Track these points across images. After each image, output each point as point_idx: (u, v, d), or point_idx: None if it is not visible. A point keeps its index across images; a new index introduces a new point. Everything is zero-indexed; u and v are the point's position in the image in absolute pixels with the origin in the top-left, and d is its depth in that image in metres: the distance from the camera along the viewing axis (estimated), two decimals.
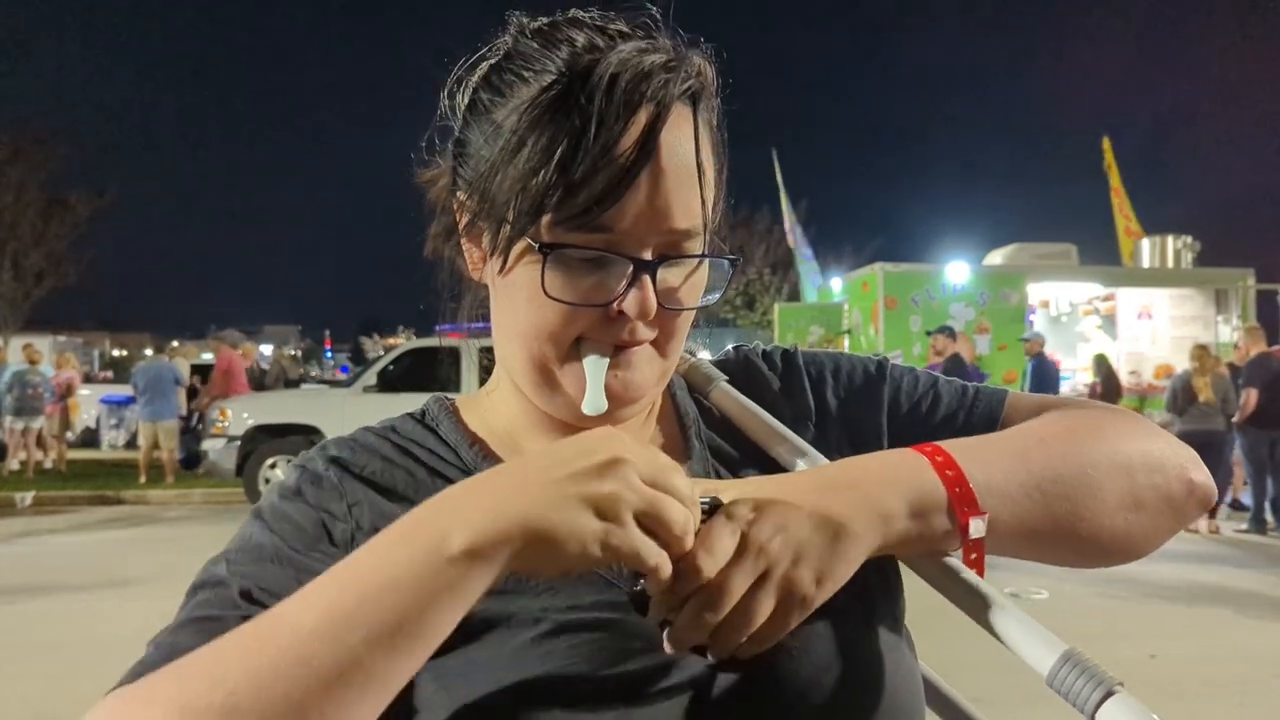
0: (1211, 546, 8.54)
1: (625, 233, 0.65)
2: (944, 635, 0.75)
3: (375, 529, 0.64)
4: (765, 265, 26.90)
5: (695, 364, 0.85)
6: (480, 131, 0.69)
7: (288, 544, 0.66)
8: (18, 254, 21.81)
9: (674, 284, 0.69)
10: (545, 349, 0.69)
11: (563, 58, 0.65)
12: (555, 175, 0.63)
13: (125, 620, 5.93)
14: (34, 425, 13.05)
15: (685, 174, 0.66)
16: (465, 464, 0.74)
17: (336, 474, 0.71)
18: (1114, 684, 0.58)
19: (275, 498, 0.71)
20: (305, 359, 60.15)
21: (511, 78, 0.68)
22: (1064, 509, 0.69)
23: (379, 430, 0.78)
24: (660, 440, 0.80)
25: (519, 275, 0.68)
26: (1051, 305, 13.17)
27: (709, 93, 0.69)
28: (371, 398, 10.03)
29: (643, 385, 0.71)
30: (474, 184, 0.69)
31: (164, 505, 11.27)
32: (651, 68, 0.64)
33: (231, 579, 0.64)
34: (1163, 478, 0.72)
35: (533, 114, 0.64)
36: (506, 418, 0.78)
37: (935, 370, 6.27)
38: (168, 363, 13.06)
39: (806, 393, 0.83)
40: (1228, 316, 11.97)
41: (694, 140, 0.67)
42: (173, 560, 7.79)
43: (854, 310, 12.39)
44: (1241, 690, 4.61)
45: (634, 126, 0.63)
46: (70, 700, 4.45)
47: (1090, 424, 0.73)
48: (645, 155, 0.63)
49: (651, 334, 0.70)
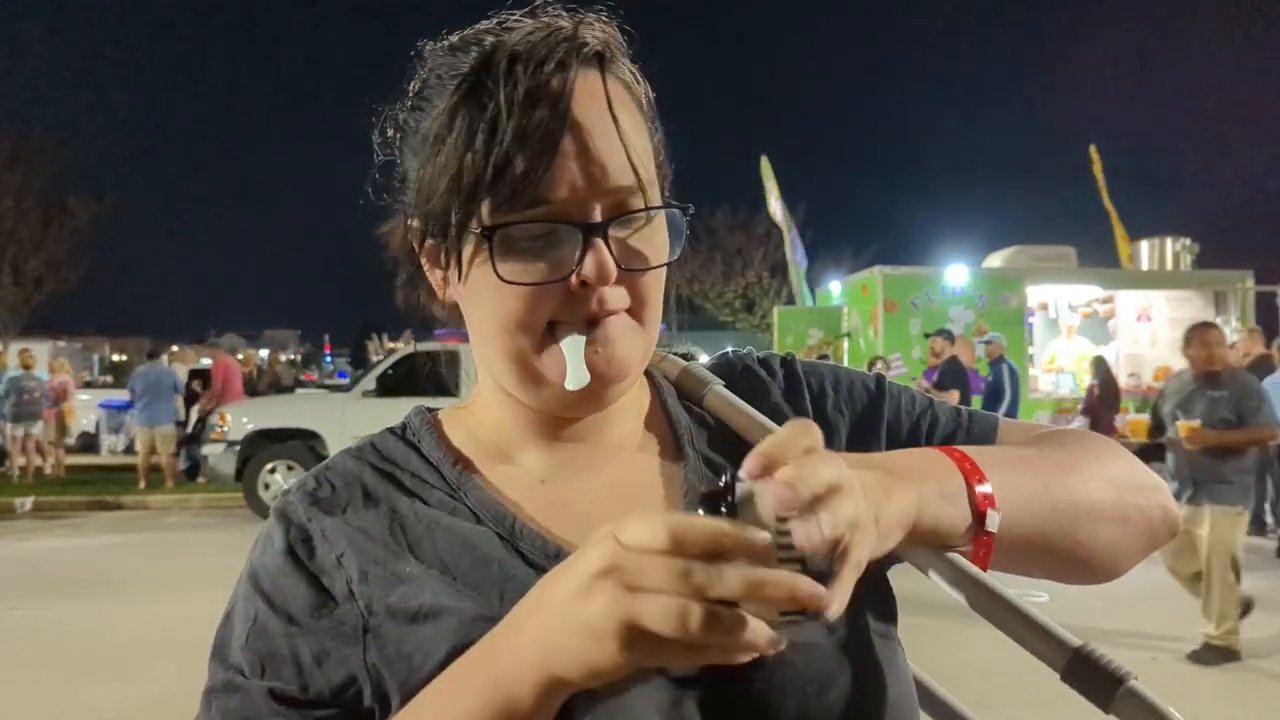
0: None
1: (565, 201, 0.65)
2: (945, 641, 0.75)
3: (364, 573, 0.67)
4: (764, 269, 26.93)
5: (688, 369, 0.83)
6: (411, 155, 0.71)
7: (294, 618, 0.66)
8: (17, 259, 21.85)
9: (630, 244, 0.68)
10: (519, 340, 0.68)
11: (470, 59, 0.66)
12: (481, 161, 0.63)
13: (125, 625, 5.93)
14: (33, 430, 13.05)
15: (606, 132, 0.66)
16: (449, 484, 0.73)
17: (319, 524, 0.70)
18: (1128, 677, 0.59)
19: (268, 561, 0.69)
20: (305, 363, 60.13)
21: (429, 92, 0.69)
22: (1067, 518, 0.71)
23: (357, 453, 0.76)
24: (655, 452, 0.79)
25: (477, 277, 0.68)
26: (1050, 307, 13.18)
27: (614, 52, 0.69)
28: (371, 402, 10.02)
29: (626, 359, 0.69)
30: (416, 202, 0.70)
31: (164, 510, 11.27)
32: (549, 40, 0.65)
33: (252, 678, 0.65)
34: (1145, 500, 0.76)
35: (448, 113, 0.65)
36: (493, 427, 0.77)
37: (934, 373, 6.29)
38: (166, 368, 13.06)
39: (806, 403, 0.82)
40: (1227, 318, 11.95)
41: (605, 98, 0.66)
42: (172, 565, 7.78)
43: (853, 313, 12.39)
44: (1243, 691, 4.61)
45: (544, 97, 0.63)
46: (70, 705, 4.44)
47: (1080, 445, 0.78)
48: (560, 120, 0.63)
49: (624, 302, 0.68)
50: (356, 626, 0.65)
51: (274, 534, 0.70)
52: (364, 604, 0.66)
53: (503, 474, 0.75)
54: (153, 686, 4.53)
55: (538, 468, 0.75)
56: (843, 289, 13.24)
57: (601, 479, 0.75)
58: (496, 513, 0.71)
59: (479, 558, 0.68)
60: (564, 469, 0.75)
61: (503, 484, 0.74)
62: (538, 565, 0.67)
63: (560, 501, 0.73)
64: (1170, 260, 13.15)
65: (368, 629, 0.65)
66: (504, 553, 0.68)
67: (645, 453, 0.78)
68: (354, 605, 0.66)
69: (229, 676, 0.66)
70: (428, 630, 0.64)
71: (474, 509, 0.71)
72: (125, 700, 4.47)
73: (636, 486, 0.75)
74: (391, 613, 0.65)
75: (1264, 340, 9.97)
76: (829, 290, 13.96)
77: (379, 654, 0.64)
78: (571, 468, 0.75)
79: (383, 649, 0.64)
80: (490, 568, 0.67)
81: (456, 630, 0.62)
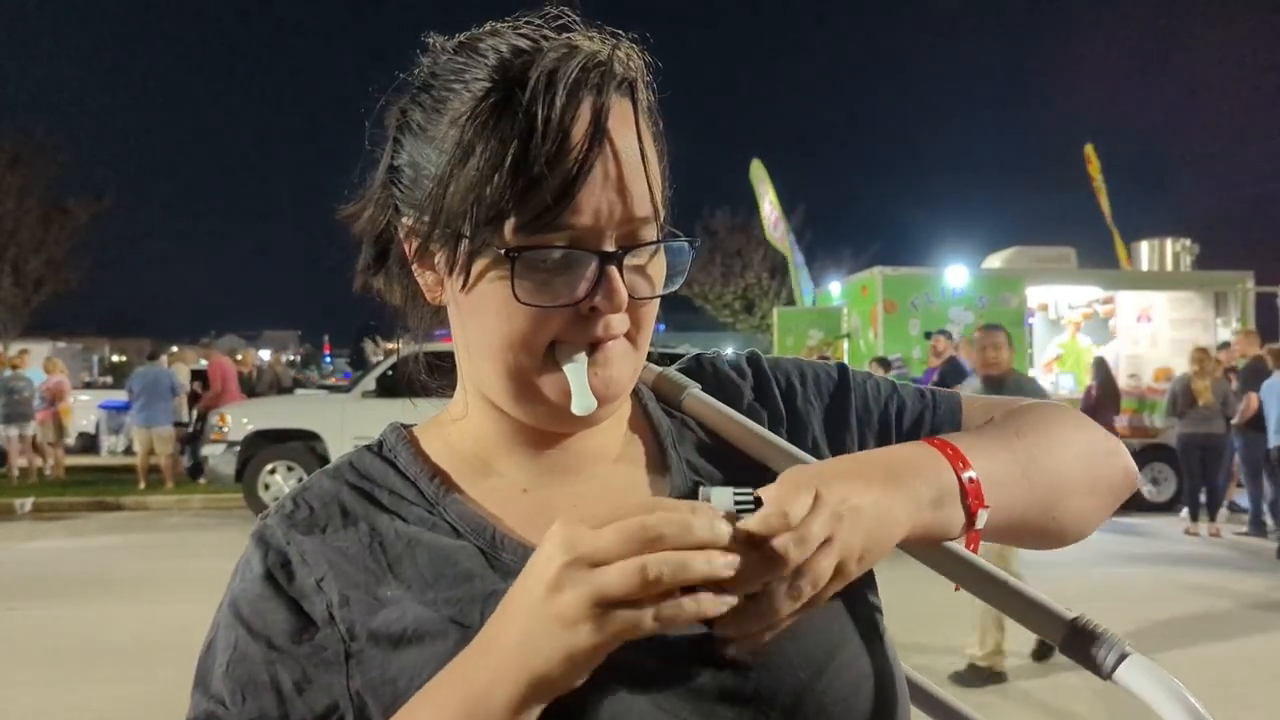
0: (1212, 549, 8.54)
1: (587, 228, 0.65)
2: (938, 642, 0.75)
3: (345, 598, 0.67)
4: (764, 270, 26.93)
5: (664, 374, 0.84)
6: (419, 152, 0.69)
7: (274, 644, 0.66)
8: (18, 260, 21.82)
9: (638, 273, 0.69)
10: (521, 359, 0.68)
11: (491, 65, 0.65)
12: (509, 179, 0.62)
13: (125, 626, 5.93)
14: (26, 431, 13.02)
15: (633, 163, 0.66)
16: (427, 498, 0.73)
17: (298, 547, 0.69)
18: (1126, 646, 0.62)
19: (248, 587, 0.69)
20: (304, 364, 60.08)
21: (443, 93, 0.67)
22: (1044, 493, 0.74)
23: (335, 472, 0.75)
24: (640, 455, 0.79)
25: (484, 289, 0.67)
26: (1050, 308, 13.16)
27: (642, 81, 0.69)
28: (370, 403, 10.01)
29: (621, 381, 0.71)
30: (421, 205, 0.68)
31: (164, 511, 11.27)
32: (586, 62, 0.64)
33: (234, 707, 0.65)
34: (1110, 467, 0.80)
35: (475, 122, 0.64)
36: (474, 438, 0.76)
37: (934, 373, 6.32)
38: (165, 368, 13.05)
39: (778, 400, 0.83)
40: (1227, 319, 11.95)
41: (635, 128, 0.67)
42: (173, 566, 7.78)
43: (853, 314, 12.38)
44: (1243, 692, 4.61)
45: (579, 121, 0.63)
46: (70, 706, 4.44)
47: (1047, 419, 0.79)
48: (595, 148, 0.63)
49: (624, 327, 0.70)
50: (338, 652, 0.65)
51: (252, 559, 0.70)
52: (345, 629, 0.66)
53: (483, 485, 0.75)
54: (153, 687, 4.52)
55: (520, 476, 0.75)
56: (842, 290, 13.23)
57: (586, 485, 0.75)
58: (476, 525, 0.71)
59: (459, 574, 0.68)
60: (547, 476, 0.75)
61: (483, 496, 0.74)
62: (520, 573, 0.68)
63: (543, 508, 0.73)
64: (1170, 261, 13.13)
65: (350, 655, 0.65)
66: (484, 567, 0.68)
67: (629, 457, 0.79)
68: (335, 630, 0.66)
69: (210, 707, 0.65)
70: (411, 655, 0.64)
71: (453, 523, 0.71)
72: (125, 701, 4.47)
73: (621, 490, 0.76)
74: (374, 637, 0.65)
75: (1259, 342, 9.96)
76: (829, 291, 13.94)
77: (363, 680, 0.64)
78: (554, 474, 0.75)
79: (366, 674, 0.64)
80: (472, 584, 0.67)
81: (441, 654, 0.62)
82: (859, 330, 12.05)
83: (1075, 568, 7.24)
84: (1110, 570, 7.40)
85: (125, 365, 34.20)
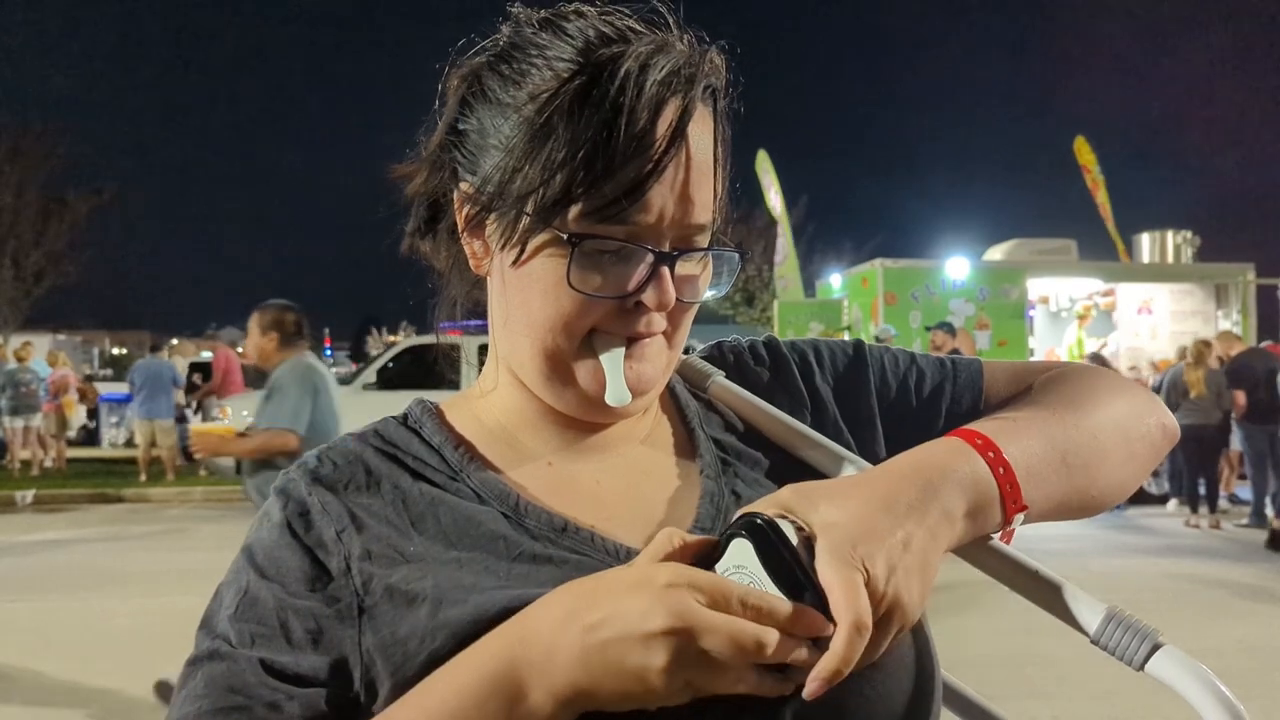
0: (1213, 541, 8.55)
1: (648, 225, 0.65)
2: (945, 633, 0.75)
3: (366, 552, 0.66)
4: (764, 262, 26.89)
5: (688, 361, 0.86)
6: (490, 120, 0.68)
7: (287, 590, 0.65)
8: (17, 253, 21.80)
9: (688, 276, 0.70)
10: (560, 341, 0.68)
11: (578, 47, 0.65)
12: (584, 165, 0.63)
13: (126, 618, 5.94)
14: (33, 423, 13.05)
15: (704, 169, 0.67)
16: (451, 466, 0.72)
17: (319, 498, 0.68)
18: (1159, 638, 0.61)
19: (265, 534, 0.68)
20: None
21: (524, 65, 0.67)
22: (1081, 477, 0.72)
23: (360, 435, 0.75)
24: (668, 434, 0.80)
25: (536, 267, 0.67)
26: (1051, 301, 13.16)
27: (723, 90, 0.70)
28: (371, 395, 10.02)
29: (654, 377, 0.71)
30: (487, 174, 0.68)
31: (164, 503, 11.27)
32: (676, 63, 0.65)
33: (240, 647, 0.63)
34: (1146, 427, 0.78)
35: (557, 102, 0.64)
36: (502, 412, 0.77)
37: None
38: (166, 361, 13.06)
39: (798, 381, 0.84)
40: (1228, 311, 11.96)
41: (713, 136, 0.68)
42: (174, 558, 7.79)
43: (854, 306, 12.39)
44: (1244, 684, 4.61)
45: (662, 120, 0.63)
46: (72, 698, 4.45)
47: (1083, 389, 0.78)
48: (673, 149, 0.64)
49: (663, 326, 0.70)
50: (351, 605, 0.64)
51: (272, 510, 0.69)
52: (361, 582, 0.65)
53: (508, 457, 0.74)
54: (155, 679, 4.53)
55: (545, 451, 0.75)
56: (843, 282, 13.22)
57: (612, 460, 0.76)
58: (500, 492, 0.70)
59: (484, 534, 0.67)
60: (572, 453, 0.75)
61: (507, 466, 0.74)
62: (545, 538, 0.68)
63: (568, 480, 0.73)
64: (1171, 253, 13.13)
65: (363, 610, 0.64)
66: (509, 529, 0.68)
67: (656, 438, 0.79)
68: (350, 583, 0.65)
69: (215, 645, 0.63)
70: (424, 616, 0.62)
71: (476, 489, 0.71)
72: (127, 693, 4.48)
73: (648, 467, 0.76)
74: (390, 593, 0.64)
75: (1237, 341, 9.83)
76: (829, 283, 13.94)
77: (374, 637, 0.63)
78: (580, 449, 0.75)
79: (378, 632, 0.63)
80: (496, 544, 0.67)
81: (455, 620, 0.61)
82: (860, 322, 12.04)
83: (1075, 559, 7.25)
84: (1110, 562, 7.41)
85: (126, 358, 34.20)
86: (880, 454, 0.80)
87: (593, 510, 0.71)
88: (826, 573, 0.55)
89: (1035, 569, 0.67)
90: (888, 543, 0.58)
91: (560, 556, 0.66)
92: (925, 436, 0.73)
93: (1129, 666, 0.62)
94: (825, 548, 0.56)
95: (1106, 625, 0.63)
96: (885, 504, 0.60)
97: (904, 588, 0.57)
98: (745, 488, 0.75)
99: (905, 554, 0.58)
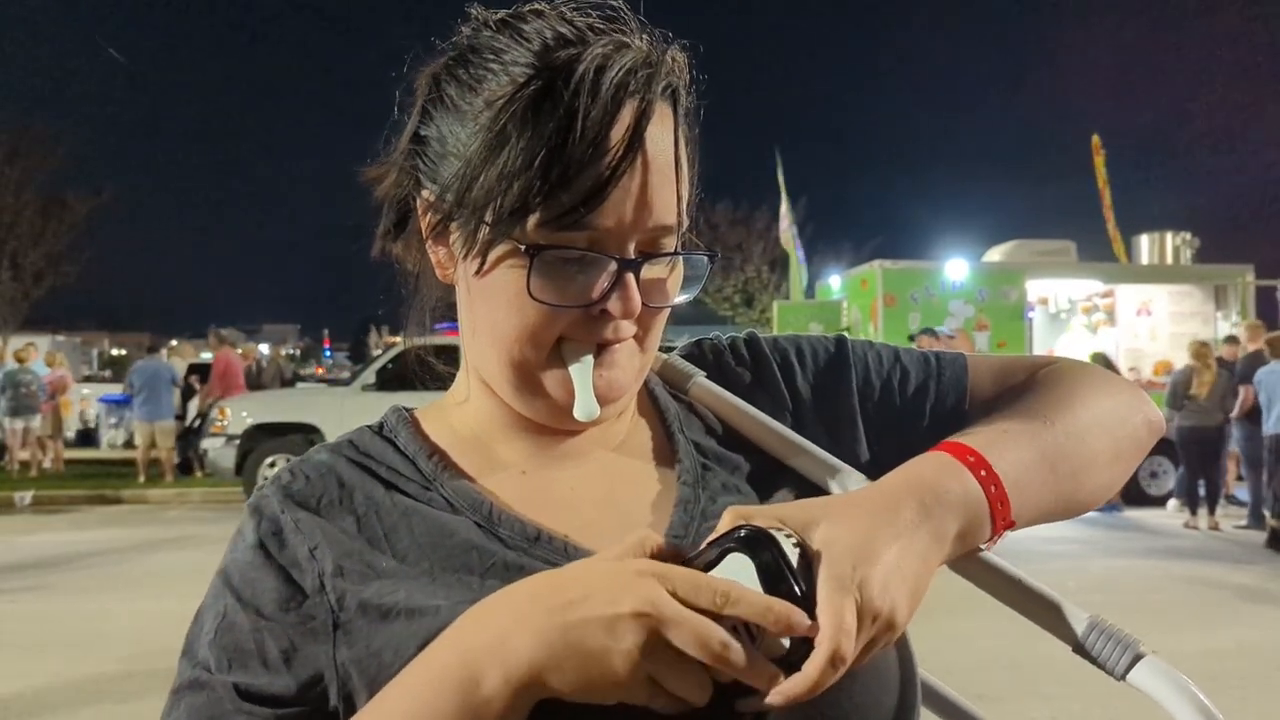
0: (1211, 542, 8.55)
1: (609, 231, 0.64)
2: (943, 635, 0.75)
3: (339, 568, 0.66)
4: (764, 263, 26.89)
5: (669, 361, 0.84)
6: (448, 127, 0.67)
7: (262, 613, 0.65)
8: (16, 254, 21.80)
9: (654, 281, 0.69)
10: (527, 352, 0.68)
11: (534, 50, 0.64)
12: (540, 174, 0.61)
13: (124, 619, 5.94)
14: (33, 424, 13.04)
15: (666, 171, 0.65)
16: (424, 475, 0.72)
17: (292, 516, 0.68)
18: (1140, 647, 0.62)
19: (239, 555, 0.68)
20: (304, 358, 60.09)
21: (481, 71, 0.66)
22: (1069, 484, 0.72)
23: (334, 447, 0.75)
24: (646, 439, 0.78)
25: (498, 277, 0.66)
26: (1050, 302, 13.16)
27: (685, 89, 0.68)
28: (370, 396, 10.01)
29: (625, 383, 0.70)
30: (446, 183, 0.67)
31: (163, 505, 11.27)
32: (634, 63, 0.63)
33: (218, 673, 0.63)
34: (1132, 426, 0.78)
35: (512, 109, 0.62)
36: (476, 421, 0.76)
37: None
38: (165, 362, 13.06)
39: (779, 382, 0.82)
40: (1227, 313, 11.96)
41: (674, 137, 0.66)
42: (172, 560, 7.79)
43: (853, 307, 12.38)
44: (1242, 685, 4.62)
45: (619, 123, 0.62)
46: (71, 699, 4.45)
47: (1070, 390, 0.77)
48: (631, 153, 0.62)
49: (633, 331, 0.69)
50: (326, 622, 0.64)
51: (245, 529, 0.69)
52: (335, 598, 0.65)
53: (482, 465, 0.74)
54: (154, 680, 4.53)
55: (520, 460, 0.74)
56: (842, 283, 13.22)
57: (587, 467, 0.75)
58: (472, 501, 0.70)
59: (456, 544, 0.67)
60: (547, 458, 0.74)
61: (481, 475, 0.73)
62: (518, 548, 0.67)
63: (541, 488, 0.73)
64: (1170, 255, 13.13)
65: (338, 625, 0.64)
66: (482, 539, 0.67)
67: (634, 444, 0.78)
68: (324, 599, 0.65)
69: (196, 674, 0.64)
70: (399, 628, 0.62)
71: (449, 499, 0.70)
72: (126, 694, 4.48)
73: (624, 474, 0.75)
74: (364, 608, 0.64)
75: (1263, 336, 9.90)
76: (828, 284, 13.94)
77: (349, 652, 0.63)
78: (555, 456, 0.75)
79: (353, 646, 0.63)
80: (469, 555, 0.66)
81: (429, 629, 0.61)
82: (859, 324, 12.04)
83: (1074, 560, 7.25)
84: (1109, 563, 7.41)
85: (125, 359, 34.18)
86: (861, 454, 0.80)
87: (566, 519, 0.70)
88: (823, 594, 0.55)
89: (1019, 578, 0.67)
90: (884, 563, 0.58)
91: (533, 566, 0.65)
92: (909, 436, 0.73)
93: (1111, 676, 0.62)
94: (827, 569, 0.56)
95: (1089, 634, 0.63)
96: (882, 524, 0.60)
97: (896, 607, 0.57)
98: (724, 493, 0.74)
99: (899, 574, 0.58)
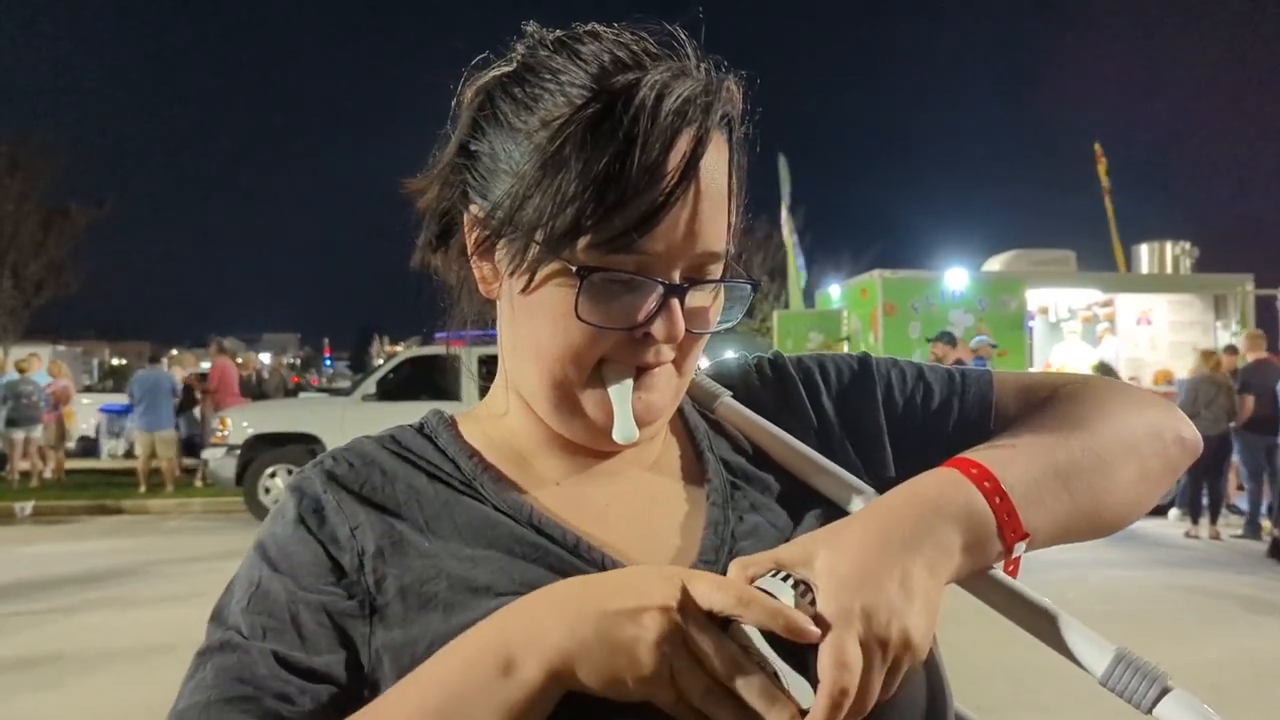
0: (1212, 551, 8.54)
1: (658, 255, 0.65)
2: (944, 646, 0.75)
3: (379, 550, 0.66)
4: (764, 272, 26.92)
5: (696, 379, 0.84)
6: (500, 144, 0.68)
7: (299, 583, 0.65)
8: (17, 263, 21.80)
9: (698, 307, 0.69)
10: (569, 371, 0.68)
11: (592, 73, 0.64)
12: (596, 197, 0.62)
13: (125, 630, 5.92)
14: (33, 434, 13.03)
15: (718, 199, 0.66)
16: (464, 475, 0.72)
17: (334, 496, 0.69)
18: (1167, 681, 0.60)
19: (278, 530, 0.68)
20: (304, 367, 60.11)
21: (537, 90, 0.66)
22: (1087, 500, 0.71)
23: (377, 438, 0.75)
24: (675, 456, 0.79)
25: (545, 296, 0.67)
26: (1050, 311, 13.16)
27: (739, 119, 0.69)
28: (371, 406, 10.01)
29: (662, 407, 0.71)
30: (497, 200, 0.67)
31: (164, 515, 11.25)
32: (693, 92, 0.64)
33: (252, 639, 0.62)
34: (1162, 444, 0.76)
35: (570, 130, 0.63)
36: (512, 435, 0.76)
37: None
38: (165, 372, 13.06)
39: (804, 401, 0.82)
40: (1227, 322, 11.95)
41: (728, 167, 0.67)
42: (173, 569, 7.78)
43: (853, 317, 12.38)
44: (1243, 694, 4.61)
45: (676, 151, 0.63)
46: (71, 710, 4.43)
47: (1093, 407, 0.76)
48: (686, 180, 0.63)
49: (672, 355, 0.70)
50: (364, 602, 0.64)
51: (286, 506, 0.69)
52: (374, 580, 0.65)
53: (518, 474, 0.74)
54: (154, 690, 4.51)
55: (554, 474, 0.75)
56: (842, 292, 13.22)
57: (620, 485, 0.75)
58: (513, 502, 0.70)
59: (500, 535, 0.67)
60: (582, 476, 0.75)
61: (518, 483, 0.74)
62: (561, 549, 0.67)
63: (577, 500, 0.73)
64: (1170, 264, 13.14)
65: (375, 608, 0.64)
66: (526, 532, 0.68)
67: (665, 463, 0.78)
68: (362, 580, 0.65)
69: (226, 636, 0.63)
70: (436, 621, 0.63)
71: (489, 498, 0.71)
72: (126, 705, 4.46)
73: (656, 493, 0.76)
74: (403, 593, 0.64)
75: (1264, 345, 9.92)
76: (828, 294, 13.94)
77: (384, 636, 0.63)
78: (590, 474, 0.75)
79: (389, 631, 0.63)
80: (512, 546, 0.67)
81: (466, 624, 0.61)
82: (859, 333, 12.04)
83: (1075, 570, 7.23)
84: (1110, 574, 7.39)
85: (126, 369, 34.19)
86: (888, 472, 0.80)
87: (601, 534, 0.71)
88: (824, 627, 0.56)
89: (1041, 604, 0.66)
90: (888, 584, 0.58)
91: (576, 567, 0.66)
92: (933, 454, 0.73)
93: (1137, 710, 0.62)
94: (824, 603, 0.57)
95: (1115, 667, 0.62)
96: (881, 544, 0.60)
97: (911, 627, 0.57)
98: (754, 514, 0.74)
99: (906, 592, 0.58)
